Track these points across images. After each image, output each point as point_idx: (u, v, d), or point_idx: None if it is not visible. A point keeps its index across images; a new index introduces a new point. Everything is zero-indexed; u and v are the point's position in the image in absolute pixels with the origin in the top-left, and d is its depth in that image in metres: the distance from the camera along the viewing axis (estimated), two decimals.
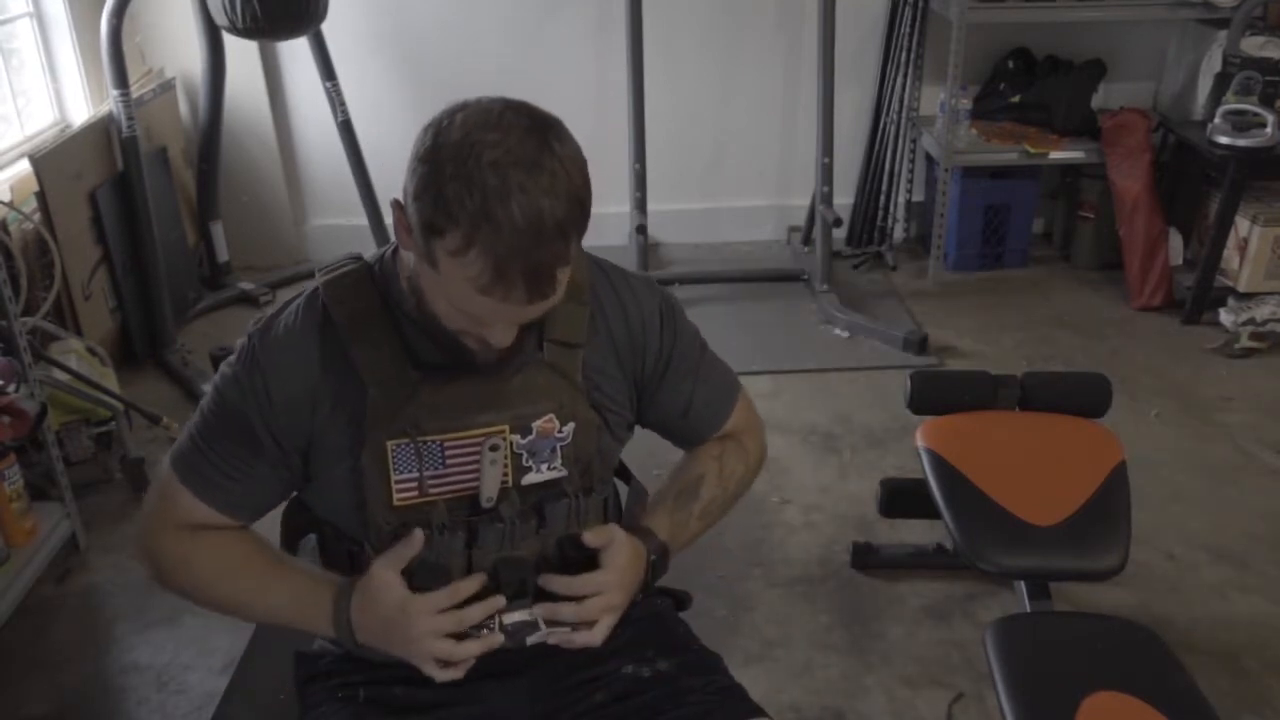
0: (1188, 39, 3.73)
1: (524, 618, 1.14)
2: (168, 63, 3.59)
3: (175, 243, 3.44)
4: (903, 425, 2.74)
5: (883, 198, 3.88)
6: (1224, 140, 3.19)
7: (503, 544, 1.15)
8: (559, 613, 1.13)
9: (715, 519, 1.29)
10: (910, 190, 3.97)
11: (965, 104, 3.56)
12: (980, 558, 1.66)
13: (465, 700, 1.19)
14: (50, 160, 2.84)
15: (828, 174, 3.54)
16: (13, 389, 2.15)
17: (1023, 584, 1.84)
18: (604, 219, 3.75)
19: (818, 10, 3.47)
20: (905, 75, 3.72)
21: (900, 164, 3.86)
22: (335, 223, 3.86)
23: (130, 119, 3.06)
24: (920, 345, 3.19)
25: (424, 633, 1.08)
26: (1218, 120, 3.24)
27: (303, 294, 1.15)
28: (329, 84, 3.42)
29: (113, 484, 2.60)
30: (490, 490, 1.13)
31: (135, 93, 3.16)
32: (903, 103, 3.75)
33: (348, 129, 3.49)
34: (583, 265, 1.18)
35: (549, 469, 1.16)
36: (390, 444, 1.09)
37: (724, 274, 3.74)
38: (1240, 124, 3.20)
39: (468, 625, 1.10)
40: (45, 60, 3.21)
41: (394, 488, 1.11)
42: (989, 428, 1.93)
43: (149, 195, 3.14)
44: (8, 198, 2.75)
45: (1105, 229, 3.67)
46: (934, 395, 2.02)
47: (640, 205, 3.49)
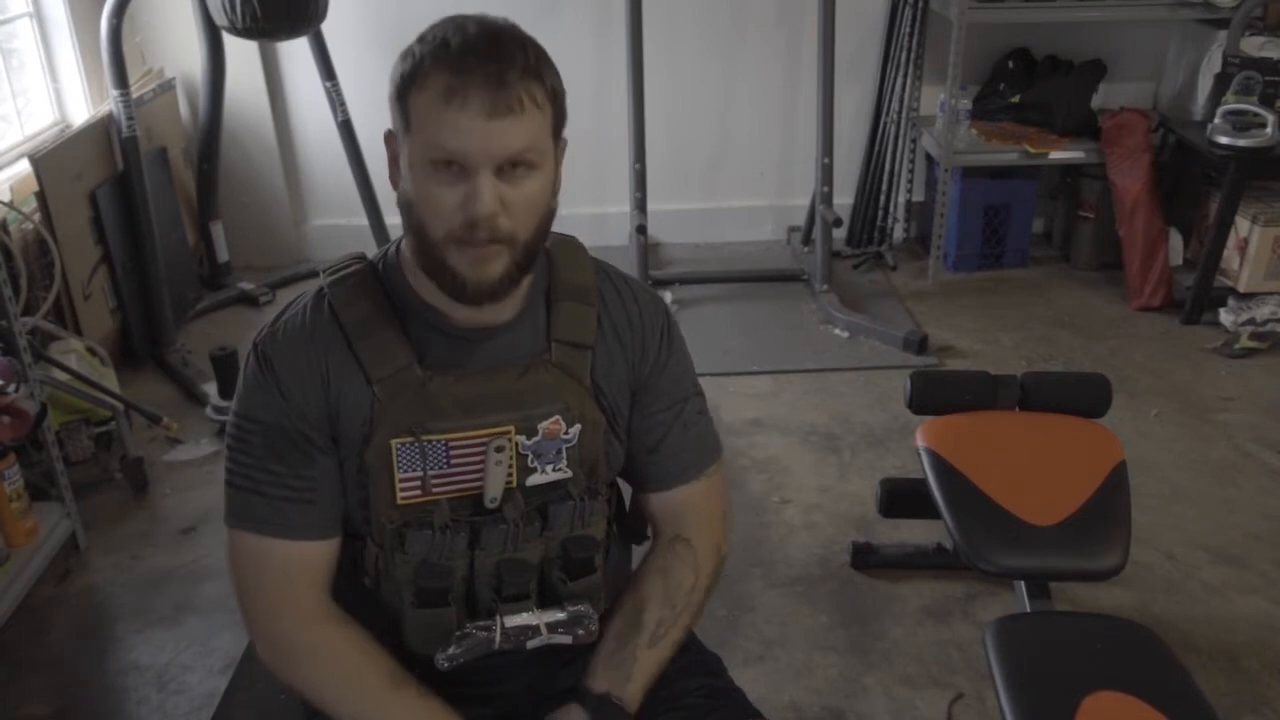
0: (1188, 39, 3.73)
1: (526, 621, 1.14)
2: (168, 63, 3.59)
3: (175, 243, 3.44)
4: (903, 425, 2.74)
5: (883, 198, 3.88)
6: (1224, 140, 3.19)
7: (506, 545, 1.14)
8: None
9: (676, 637, 1.19)
10: (910, 190, 3.97)
11: (965, 104, 3.56)
12: (980, 558, 1.66)
13: (466, 701, 1.18)
14: (50, 160, 2.84)
15: (828, 174, 3.54)
16: (13, 389, 2.15)
17: (1023, 584, 1.84)
18: (604, 219, 3.79)
19: (818, 10, 3.47)
20: (905, 75, 3.72)
21: (900, 164, 3.86)
22: (335, 223, 3.86)
23: (130, 119, 3.06)
24: (920, 345, 3.19)
25: None
26: (1218, 120, 3.24)
27: (307, 294, 1.15)
28: (329, 84, 3.42)
29: (113, 484, 2.60)
30: (494, 491, 1.13)
31: (135, 93, 3.16)
32: (903, 103, 3.75)
33: (348, 129, 3.49)
34: (588, 268, 1.18)
35: (554, 470, 1.15)
36: (395, 442, 1.09)
37: (724, 274, 3.74)
38: (1240, 124, 3.20)
39: None
40: (45, 60, 3.21)
41: (398, 486, 1.10)
42: (989, 428, 1.93)
43: (149, 195, 3.14)
44: (8, 198, 2.75)
45: (1105, 229, 3.67)
46: (934, 395, 2.02)
47: (640, 205, 3.48)
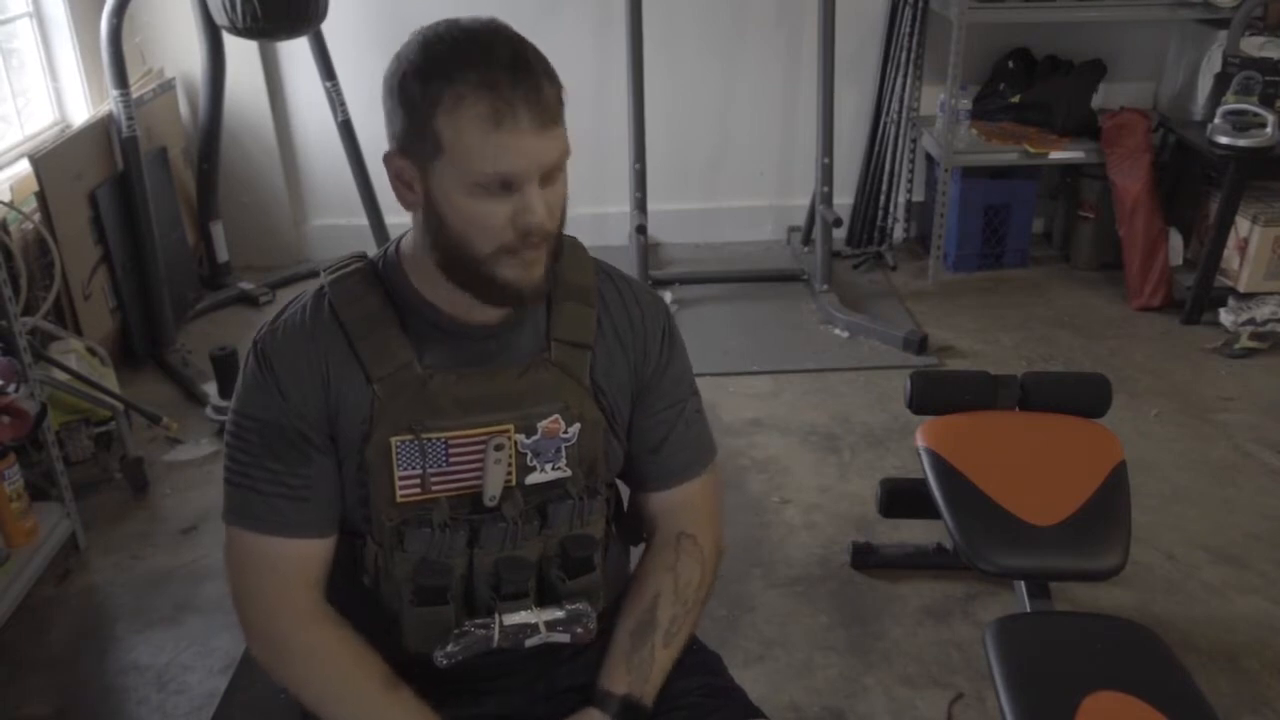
0: (1188, 39, 3.73)
1: (524, 619, 1.14)
2: (168, 63, 3.59)
3: (175, 243, 3.44)
4: (903, 425, 2.74)
5: (883, 198, 3.88)
6: (1224, 140, 3.19)
7: (504, 544, 1.14)
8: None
9: (686, 635, 1.21)
10: (910, 190, 3.97)
11: (965, 104, 3.56)
12: (980, 558, 1.66)
13: (466, 701, 1.18)
14: (50, 160, 2.84)
15: (828, 174, 3.54)
16: (13, 389, 2.15)
17: (1023, 584, 1.84)
18: (604, 219, 3.78)
19: (818, 10, 3.47)
20: (905, 75, 3.72)
21: (900, 164, 3.86)
22: (335, 223, 3.86)
23: (130, 119, 3.06)
24: (920, 345, 3.19)
25: None
26: (1218, 120, 3.24)
27: (307, 293, 1.15)
28: (329, 84, 3.42)
29: (113, 484, 2.60)
30: (493, 489, 1.13)
31: (135, 93, 3.16)
32: (903, 103, 3.75)
33: (348, 129, 3.49)
34: (588, 268, 1.18)
35: (553, 469, 1.16)
36: (394, 440, 1.09)
37: (724, 274, 3.74)
38: (1240, 124, 3.20)
39: None
40: (45, 60, 3.21)
41: (397, 484, 1.11)
42: (989, 428, 1.93)
43: (149, 195, 3.14)
44: (8, 198, 2.75)
45: (1105, 229, 3.67)
46: (934, 395, 2.02)
47: (640, 205, 3.48)
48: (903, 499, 2.15)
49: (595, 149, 3.71)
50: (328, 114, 3.49)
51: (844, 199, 3.87)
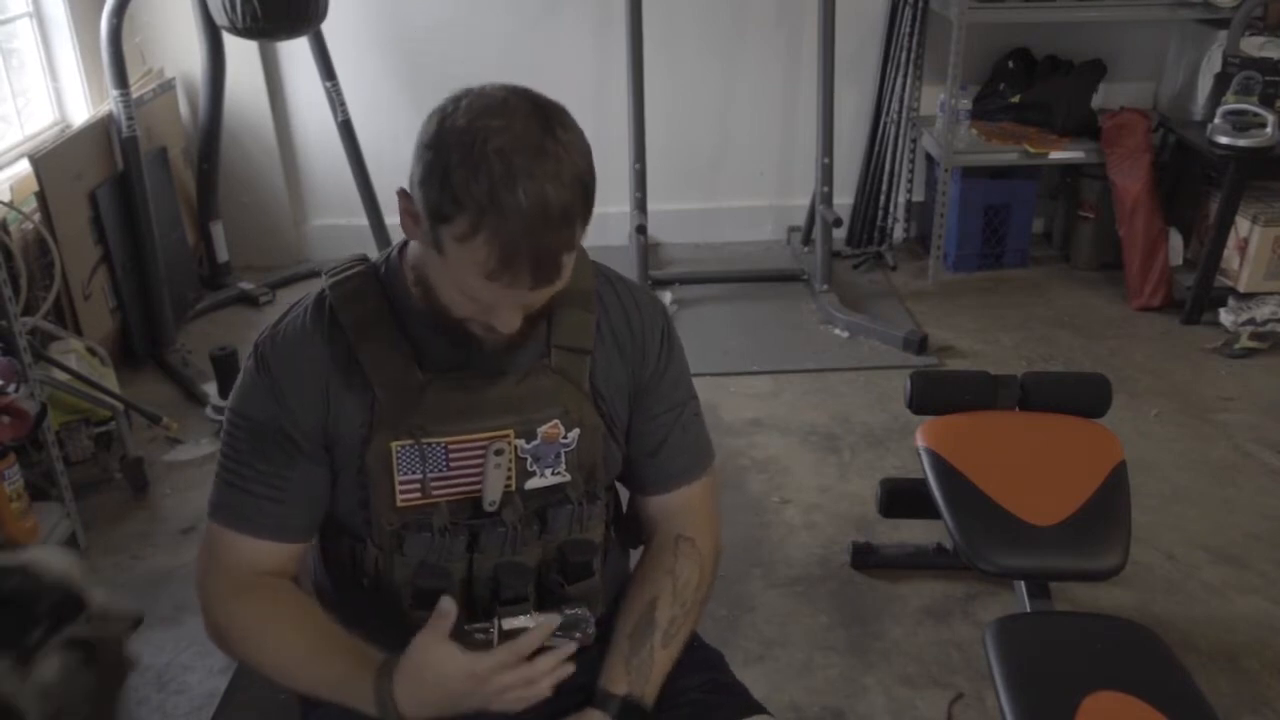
0: (1188, 39, 3.73)
1: (524, 624, 1.14)
2: (168, 63, 3.59)
3: (175, 243, 3.44)
4: (903, 425, 2.74)
5: (883, 198, 3.88)
6: (1224, 140, 3.19)
7: (504, 548, 1.15)
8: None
9: (685, 636, 1.21)
10: (910, 190, 3.97)
11: (965, 104, 3.56)
12: (980, 558, 1.66)
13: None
14: (50, 160, 2.84)
15: (828, 174, 3.53)
16: (13, 389, 2.15)
17: (1023, 584, 1.84)
18: (604, 219, 3.74)
19: (818, 10, 3.46)
20: (905, 75, 3.72)
21: (900, 164, 3.86)
22: (335, 223, 3.86)
23: (130, 119, 3.06)
24: (920, 345, 3.19)
25: (499, 690, 1.06)
26: (1218, 120, 3.24)
27: (309, 297, 1.15)
28: (329, 84, 3.42)
29: (113, 484, 2.60)
30: (493, 494, 1.13)
31: (135, 93, 3.16)
32: (903, 103, 3.75)
33: (348, 129, 3.49)
34: (588, 272, 1.18)
35: (553, 474, 1.16)
36: (394, 445, 1.09)
37: (724, 274, 3.74)
38: (1240, 124, 3.20)
39: (538, 680, 1.08)
40: (45, 60, 3.21)
41: (397, 488, 1.11)
42: (989, 428, 1.93)
43: (149, 195, 3.14)
44: (8, 198, 2.75)
45: (1105, 229, 3.67)
46: (934, 395, 2.02)
47: (640, 205, 3.48)
48: (903, 499, 2.15)
49: (595, 149, 3.68)
50: (328, 114, 3.49)
51: (844, 199, 3.87)
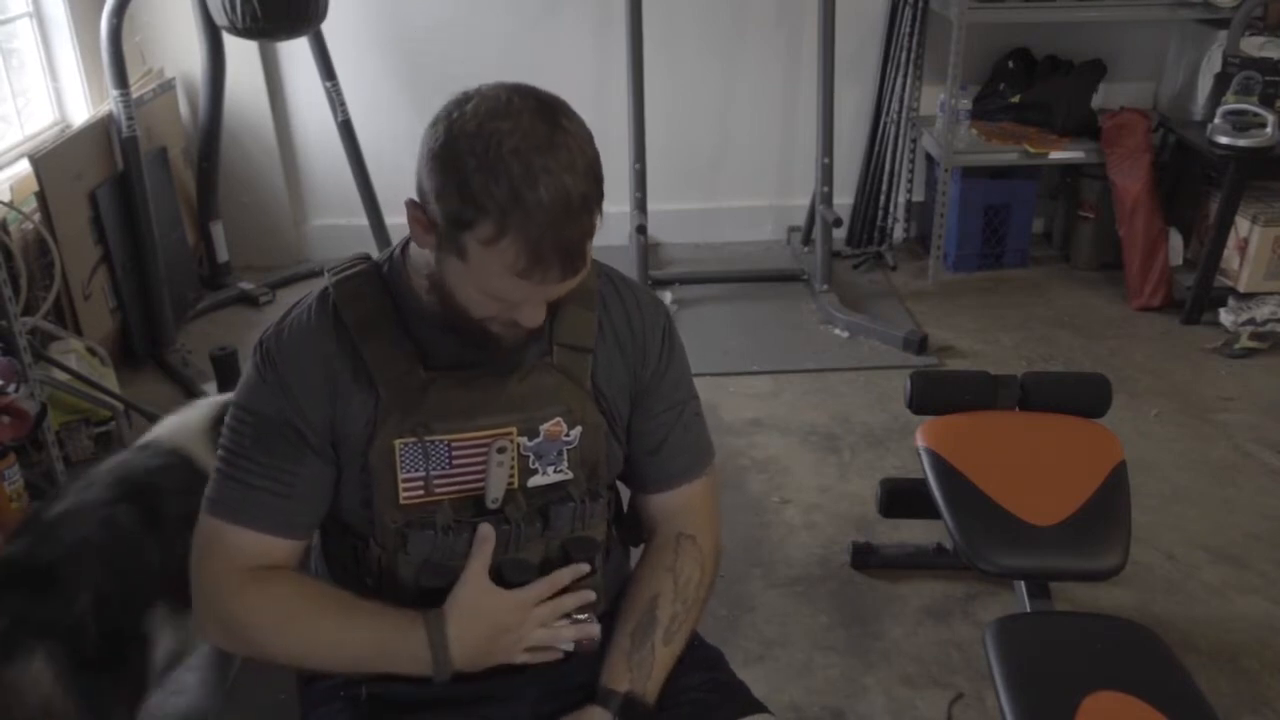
0: (1188, 39, 3.73)
1: None
2: (168, 63, 3.59)
3: (175, 243, 3.44)
4: (903, 425, 2.74)
5: (883, 198, 3.88)
6: (1224, 140, 3.19)
7: (508, 546, 1.15)
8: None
9: (686, 633, 1.21)
10: (910, 190, 3.97)
11: (965, 104, 3.56)
12: (980, 558, 1.66)
13: (469, 700, 1.19)
14: (50, 160, 2.84)
15: (828, 174, 3.53)
16: (13, 389, 2.15)
17: (1023, 584, 1.84)
18: (604, 219, 3.77)
19: (818, 10, 3.46)
20: (905, 75, 3.72)
21: (900, 164, 3.86)
22: (335, 223, 3.86)
23: (130, 119, 3.06)
24: (920, 345, 3.19)
25: (531, 623, 1.13)
26: (1218, 120, 3.24)
27: (312, 294, 1.15)
28: (329, 84, 3.42)
29: None
30: (496, 491, 1.13)
31: (135, 93, 3.16)
32: (903, 103, 3.75)
33: (348, 129, 3.49)
34: (590, 270, 1.18)
35: (555, 472, 1.16)
36: (398, 443, 1.09)
37: (724, 274, 3.74)
38: (1240, 124, 3.20)
39: (565, 611, 1.16)
40: (45, 60, 3.21)
41: (400, 486, 1.11)
42: (989, 428, 1.93)
43: (149, 195, 3.14)
44: (8, 198, 2.75)
45: (1105, 229, 3.67)
46: (934, 395, 2.02)
47: (640, 205, 3.48)
48: (903, 499, 2.15)
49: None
50: (328, 114, 3.49)
51: (844, 199, 3.87)
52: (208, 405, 1.88)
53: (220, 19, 2.93)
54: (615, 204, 3.62)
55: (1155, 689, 1.34)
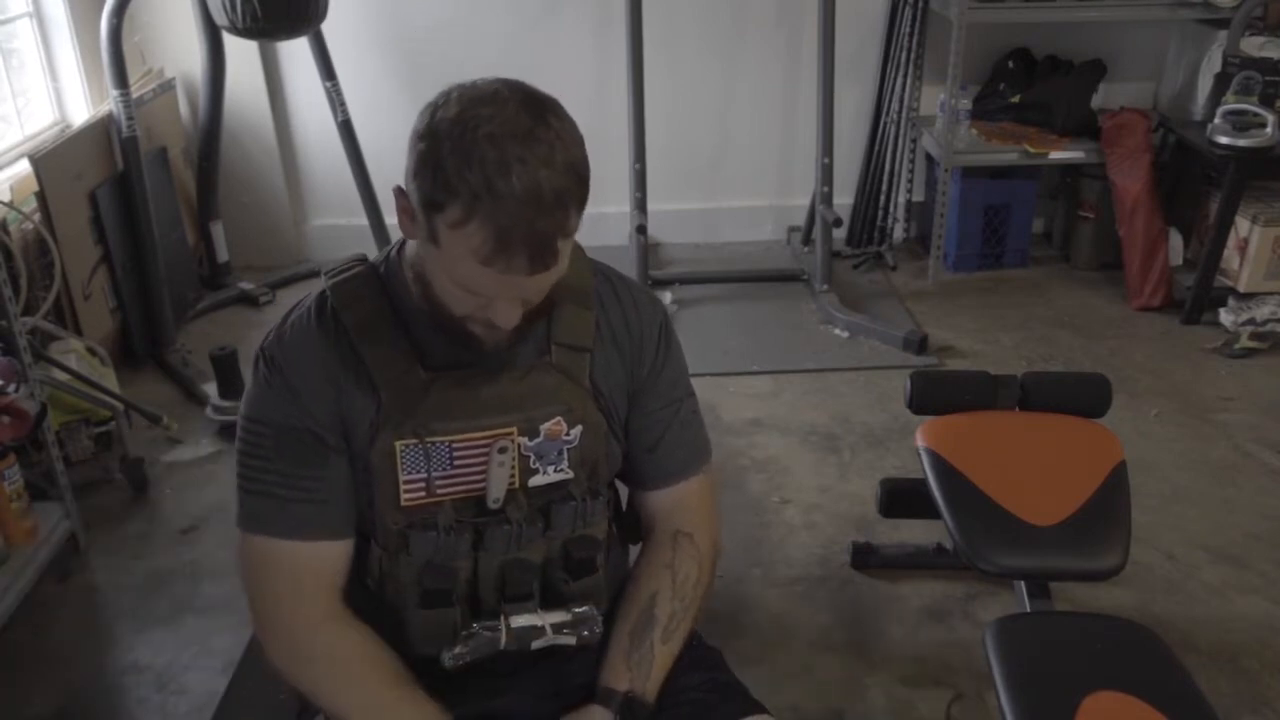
0: (1188, 39, 3.73)
1: (530, 621, 1.14)
2: (168, 63, 3.59)
3: (175, 243, 3.44)
4: (903, 425, 2.74)
5: (883, 198, 3.88)
6: (1224, 140, 3.19)
7: (509, 546, 1.15)
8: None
9: (685, 632, 1.21)
10: (910, 190, 3.97)
11: (965, 104, 3.56)
12: (980, 558, 1.66)
13: (470, 700, 1.19)
14: (50, 160, 2.84)
15: (828, 174, 3.54)
16: (13, 389, 2.15)
17: (1023, 584, 1.84)
18: (604, 219, 3.78)
19: (818, 10, 3.47)
20: (905, 75, 3.72)
21: (900, 164, 3.86)
22: (335, 223, 3.86)
23: (130, 119, 3.06)
24: (920, 345, 3.19)
25: None
26: (1218, 120, 3.24)
27: (309, 298, 1.15)
28: (329, 84, 3.42)
29: (113, 484, 2.60)
30: (497, 491, 1.13)
31: (135, 93, 3.16)
32: (903, 103, 3.75)
33: (348, 129, 3.49)
34: (586, 270, 1.18)
35: (556, 471, 1.16)
36: (399, 444, 1.09)
37: (724, 274, 3.74)
38: (1240, 124, 3.20)
39: None
40: (45, 60, 3.21)
41: (402, 487, 1.11)
42: (989, 428, 1.93)
43: (149, 195, 3.14)
44: (8, 198, 2.75)
45: (1105, 229, 3.67)
46: (934, 395, 2.01)
47: (640, 205, 3.48)
48: (903, 499, 2.15)
49: (595, 149, 3.67)
50: (328, 114, 3.49)
51: (844, 199, 3.87)
52: None
53: (220, 19, 2.93)
54: (615, 204, 3.62)
55: (1155, 689, 1.34)
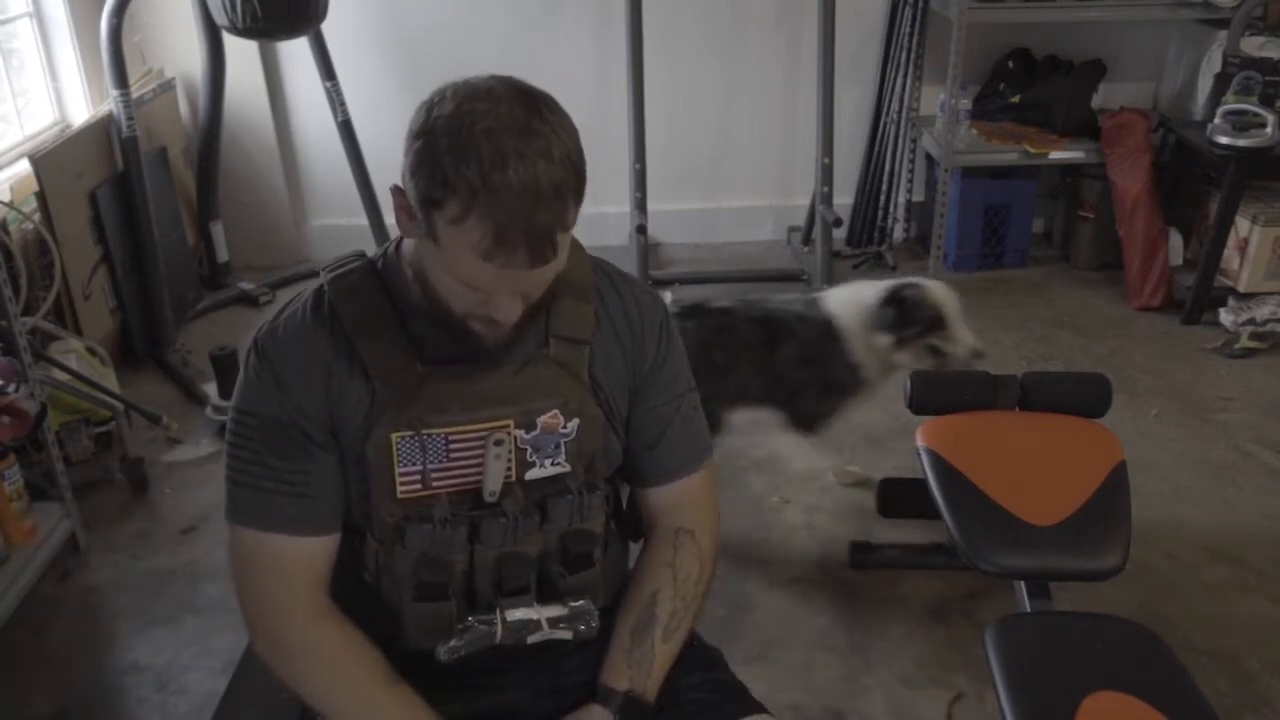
0: (1188, 39, 3.73)
1: (527, 615, 1.14)
2: (168, 63, 3.59)
3: (175, 243, 3.44)
4: (903, 425, 2.73)
5: (883, 198, 3.88)
6: (1224, 140, 3.19)
7: (505, 539, 1.15)
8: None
9: (685, 630, 1.21)
10: (910, 190, 3.97)
11: (965, 104, 3.56)
12: (980, 558, 1.66)
13: (468, 696, 1.19)
14: (50, 160, 2.84)
15: (828, 174, 3.54)
16: (13, 389, 2.15)
17: (1023, 584, 1.83)
18: (604, 219, 3.78)
19: (818, 10, 3.47)
20: (905, 75, 3.72)
21: (900, 164, 3.86)
22: (335, 223, 3.86)
23: (130, 119, 3.06)
24: None
25: None
26: (1218, 120, 3.24)
27: (306, 292, 1.15)
28: (329, 84, 3.42)
29: (113, 484, 2.60)
30: (493, 484, 1.13)
31: (135, 93, 3.16)
32: (903, 103, 3.75)
33: (348, 129, 3.49)
34: (586, 265, 1.18)
35: (553, 464, 1.16)
36: (395, 437, 1.09)
37: (724, 274, 3.74)
38: (1240, 124, 3.20)
39: None
40: (45, 60, 3.21)
41: (398, 480, 1.11)
42: (989, 428, 1.93)
43: (149, 195, 3.14)
44: (8, 198, 2.75)
45: (1105, 229, 3.67)
46: (934, 395, 2.01)
47: (640, 205, 3.48)
48: (902, 499, 2.15)
49: (595, 149, 3.67)
50: (328, 114, 3.49)
51: (844, 199, 3.87)
52: (874, 291, 2.27)
53: (220, 19, 2.93)
54: (615, 204, 3.62)
55: (1155, 689, 1.34)
